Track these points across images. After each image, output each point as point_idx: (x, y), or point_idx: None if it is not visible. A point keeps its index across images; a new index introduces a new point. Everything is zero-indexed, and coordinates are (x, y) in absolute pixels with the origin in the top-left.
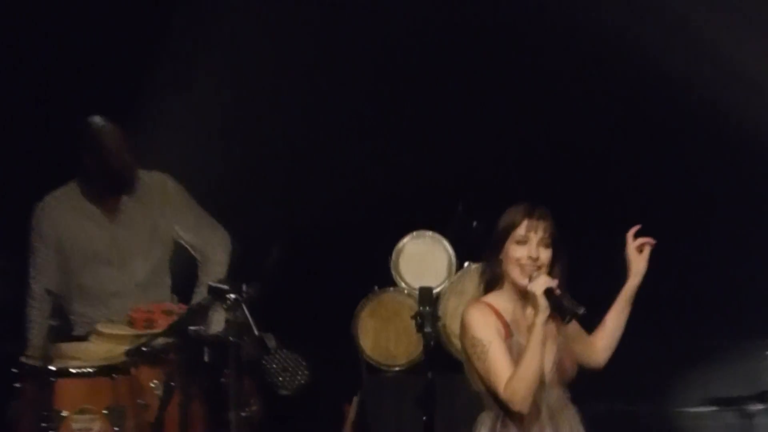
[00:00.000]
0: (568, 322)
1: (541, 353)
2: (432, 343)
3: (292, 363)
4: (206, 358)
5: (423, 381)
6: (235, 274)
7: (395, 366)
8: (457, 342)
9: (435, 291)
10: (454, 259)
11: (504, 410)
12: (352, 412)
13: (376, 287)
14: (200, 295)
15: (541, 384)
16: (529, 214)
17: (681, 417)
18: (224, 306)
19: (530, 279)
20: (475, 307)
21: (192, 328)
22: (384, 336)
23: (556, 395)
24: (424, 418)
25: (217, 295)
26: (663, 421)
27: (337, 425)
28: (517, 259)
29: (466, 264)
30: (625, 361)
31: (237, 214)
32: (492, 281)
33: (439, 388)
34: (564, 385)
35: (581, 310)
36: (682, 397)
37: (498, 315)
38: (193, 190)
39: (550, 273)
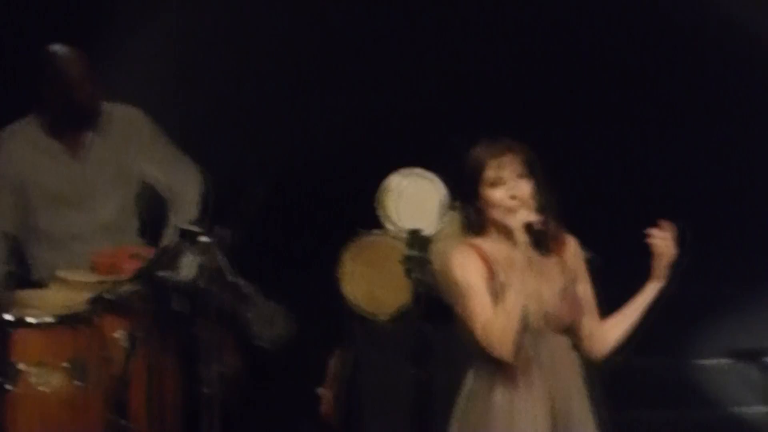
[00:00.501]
0: (545, 256)
1: (520, 293)
2: (422, 290)
3: (270, 312)
4: (176, 307)
5: (413, 331)
6: (209, 216)
7: (383, 314)
8: None
9: (426, 234)
10: (446, 200)
11: (492, 362)
12: (336, 364)
13: (362, 230)
14: (170, 237)
15: (531, 330)
16: (493, 152)
17: (698, 370)
18: (196, 250)
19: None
20: (457, 250)
21: (160, 273)
22: (371, 282)
23: (552, 343)
24: (416, 371)
25: (188, 238)
26: (680, 374)
27: (319, 378)
28: (498, 202)
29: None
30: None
31: (211, 151)
32: (477, 229)
33: (431, 339)
34: (562, 331)
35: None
36: (700, 350)
37: (483, 257)
38: (164, 126)
39: (541, 205)
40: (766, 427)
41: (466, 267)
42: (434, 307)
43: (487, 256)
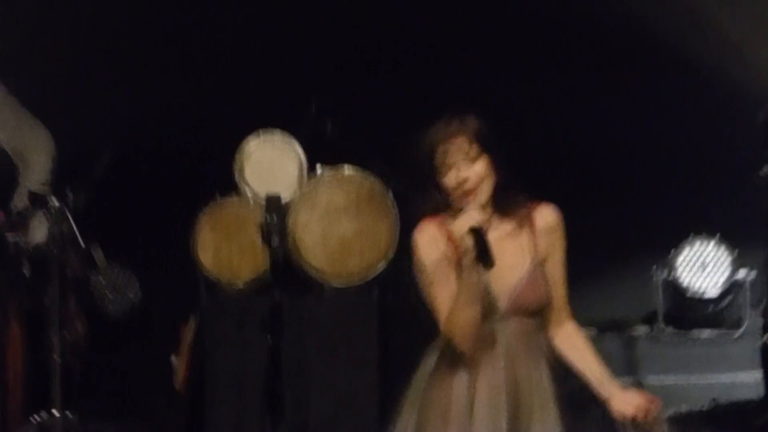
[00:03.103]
0: (487, 269)
1: (471, 298)
2: (280, 258)
3: (122, 280)
4: (26, 273)
5: (269, 301)
6: (60, 180)
7: (238, 283)
8: (310, 258)
9: (284, 200)
10: (305, 164)
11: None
12: (188, 334)
13: (217, 195)
14: (19, 201)
15: (494, 313)
16: (440, 138)
17: None
18: (45, 214)
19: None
20: (424, 226)
21: (10, 238)
22: (226, 250)
23: (517, 328)
24: (269, 342)
25: (38, 202)
26: None
27: (171, 348)
28: (452, 189)
29: (319, 170)
30: None
31: (61, 114)
32: (445, 209)
33: (287, 310)
34: (528, 314)
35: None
36: None
37: (450, 236)
38: (13, 89)
39: (502, 181)
40: None
41: (431, 248)
42: (290, 276)
43: (454, 234)
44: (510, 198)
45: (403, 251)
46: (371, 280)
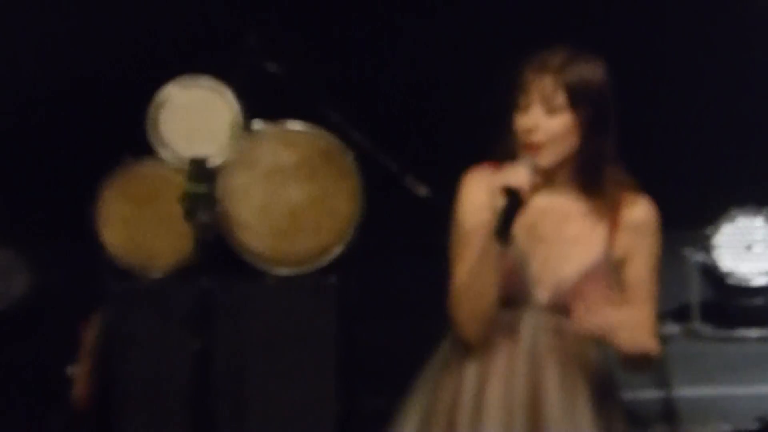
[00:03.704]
0: (500, 244)
1: (485, 271)
2: (209, 237)
3: (6, 264)
4: None
5: (196, 292)
6: None
7: (155, 269)
8: (249, 237)
9: (213, 163)
10: (240, 118)
11: None
12: (91, 334)
13: (128, 158)
14: None
15: (525, 303)
16: (536, 68)
17: None
18: None
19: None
20: (475, 171)
21: None
22: (139, 227)
23: (553, 328)
24: (196, 343)
25: None
26: None
27: (70, 351)
28: (517, 132)
29: (255, 125)
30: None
31: None
32: (503, 155)
33: (220, 303)
34: (574, 315)
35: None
36: None
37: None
38: None
39: (589, 153)
40: None
41: (471, 198)
42: (222, 260)
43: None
44: (595, 175)
45: (368, 227)
46: (328, 264)
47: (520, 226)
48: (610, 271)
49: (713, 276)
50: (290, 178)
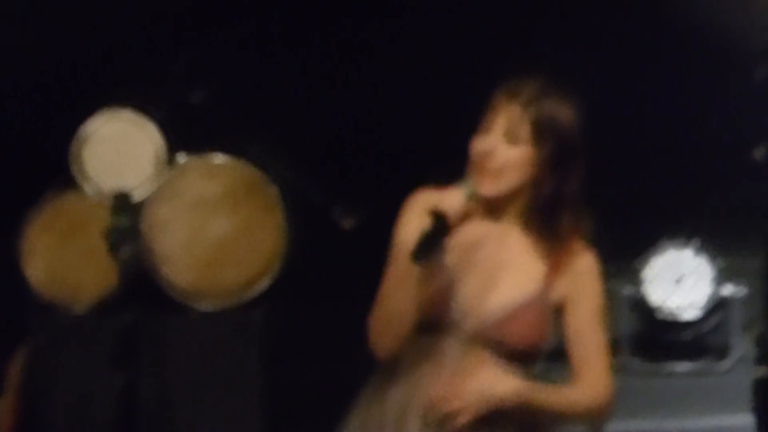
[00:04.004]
0: (420, 266)
1: (400, 292)
2: (132, 272)
3: None
4: None
5: (119, 327)
6: None
7: (79, 303)
8: (172, 271)
9: (137, 197)
10: (163, 151)
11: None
12: (15, 368)
13: (51, 192)
14: None
15: (448, 332)
16: (506, 91)
17: None
18: None
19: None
20: (420, 193)
21: None
22: (63, 261)
23: (477, 362)
24: (120, 380)
25: None
26: None
27: None
28: (473, 158)
29: (179, 157)
30: None
31: None
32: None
33: (144, 338)
34: (504, 354)
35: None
36: None
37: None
38: None
39: (548, 193)
40: None
41: (409, 220)
42: (146, 294)
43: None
44: (547, 214)
45: (293, 260)
46: (252, 299)
47: (457, 251)
48: (544, 310)
49: (642, 310)
50: (214, 210)
